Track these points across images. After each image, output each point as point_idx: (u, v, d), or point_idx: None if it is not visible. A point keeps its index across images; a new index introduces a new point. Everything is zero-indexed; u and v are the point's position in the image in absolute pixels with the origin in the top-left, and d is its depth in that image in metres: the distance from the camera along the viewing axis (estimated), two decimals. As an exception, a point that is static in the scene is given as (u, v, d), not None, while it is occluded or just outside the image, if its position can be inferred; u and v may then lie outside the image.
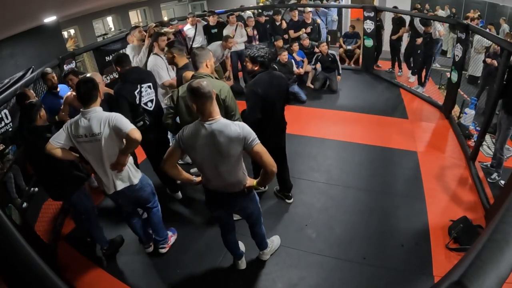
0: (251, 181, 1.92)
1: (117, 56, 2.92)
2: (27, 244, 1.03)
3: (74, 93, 3.12)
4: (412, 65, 5.99)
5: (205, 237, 2.76)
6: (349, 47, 6.83)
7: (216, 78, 2.53)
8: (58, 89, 3.24)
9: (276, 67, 5.12)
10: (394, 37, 5.99)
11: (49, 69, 3.21)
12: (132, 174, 2.23)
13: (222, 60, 5.14)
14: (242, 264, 2.45)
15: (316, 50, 5.63)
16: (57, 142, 2.02)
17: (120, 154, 2.08)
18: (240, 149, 1.71)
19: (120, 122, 1.99)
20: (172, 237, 2.73)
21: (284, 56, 5.09)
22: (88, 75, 2.51)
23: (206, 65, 2.39)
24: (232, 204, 1.99)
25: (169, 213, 3.06)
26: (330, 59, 5.42)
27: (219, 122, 1.69)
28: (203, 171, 1.84)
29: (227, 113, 2.31)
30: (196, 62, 2.36)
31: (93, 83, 2.05)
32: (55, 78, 3.21)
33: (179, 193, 3.23)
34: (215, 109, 1.70)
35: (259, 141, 1.71)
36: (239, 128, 1.68)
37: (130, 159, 2.22)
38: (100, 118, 2.00)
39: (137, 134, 1.96)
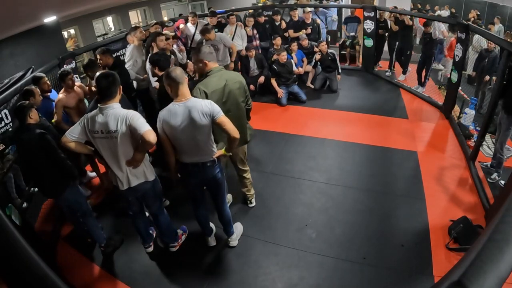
0: (219, 152, 2.23)
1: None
2: (27, 244, 1.04)
3: (65, 95, 3.14)
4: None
5: (205, 239, 2.76)
6: (352, 34, 6.60)
7: None
8: (49, 93, 3.28)
9: (275, 67, 5.13)
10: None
11: (42, 74, 3.24)
12: (148, 170, 2.24)
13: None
14: (212, 240, 2.69)
15: (316, 49, 5.62)
16: (72, 136, 2.02)
17: (136, 151, 2.07)
18: (210, 120, 2.03)
19: (136, 122, 1.95)
20: (182, 236, 2.75)
21: (283, 57, 5.08)
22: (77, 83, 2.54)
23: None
24: (205, 173, 2.24)
25: (170, 213, 3.07)
26: (330, 58, 5.42)
27: (190, 100, 2.03)
28: (181, 146, 2.13)
29: (247, 97, 2.60)
30: (210, 58, 2.39)
31: (114, 78, 2.01)
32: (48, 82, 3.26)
33: None
34: (187, 91, 2.05)
35: (223, 114, 2.06)
36: (209, 103, 2.04)
37: (146, 156, 2.22)
38: (117, 115, 1.97)
39: (151, 136, 1.92)
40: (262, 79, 5.43)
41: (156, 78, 3.01)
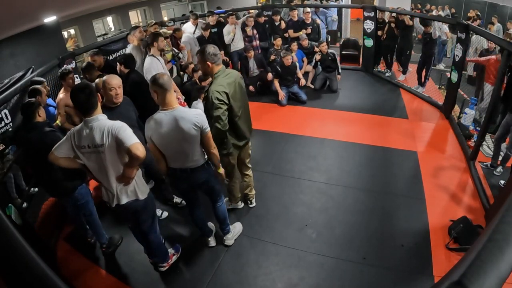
0: (221, 172, 2.31)
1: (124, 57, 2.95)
2: (27, 244, 1.03)
3: (66, 94, 3.13)
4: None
5: (205, 240, 2.75)
6: None
7: None
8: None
9: (279, 69, 5.11)
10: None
11: (42, 78, 3.25)
12: (139, 188, 2.07)
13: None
14: (212, 241, 2.68)
15: (316, 49, 5.62)
16: (60, 152, 1.90)
17: (125, 166, 1.91)
18: (199, 132, 2.06)
19: (122, 134, 1.79)
20: (174, 256, 2.58)
21: (287, 60, 5.02)
22: (105, 78, 2.47)
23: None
24: (194, 178, 2.25)
25: (170, 216, 3.07)
26: (330, 58, 5.42)
27: (178, 109, 2.01)
28: (168, 153, 2.14)
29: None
30: (214, 60, 2.31)
31: (90, 89, 1.86)
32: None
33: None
34: (173, 99, 2.02)
35: (209, 128, 2.11)
36: (198, 114, 2.04)
37: (139, 172, 2.06)
38: (103, 127, 1.83)
39: (138, 151, 1.76)
40: (270, 76, 5.36)
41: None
